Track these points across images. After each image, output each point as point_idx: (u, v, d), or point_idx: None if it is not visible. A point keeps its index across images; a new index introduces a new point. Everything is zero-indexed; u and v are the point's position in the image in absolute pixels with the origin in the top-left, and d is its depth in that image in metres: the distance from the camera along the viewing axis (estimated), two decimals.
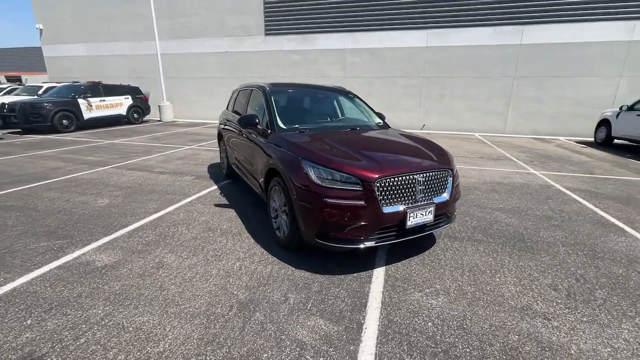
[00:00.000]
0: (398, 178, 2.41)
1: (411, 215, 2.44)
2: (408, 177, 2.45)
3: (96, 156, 6.95)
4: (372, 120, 3.95)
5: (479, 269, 2.69)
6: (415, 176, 2.48)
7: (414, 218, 2.47)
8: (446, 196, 2.68)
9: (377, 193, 2.34)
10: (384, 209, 2.36)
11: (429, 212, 2.55)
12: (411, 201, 2.48)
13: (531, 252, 3.00)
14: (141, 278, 2.46)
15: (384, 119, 4.07)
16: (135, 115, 13.48)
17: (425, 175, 2.53)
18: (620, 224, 3.68)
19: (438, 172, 2.62)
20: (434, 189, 2.61)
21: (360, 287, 2.41)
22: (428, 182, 2.55)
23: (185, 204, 4.08)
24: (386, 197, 2.39)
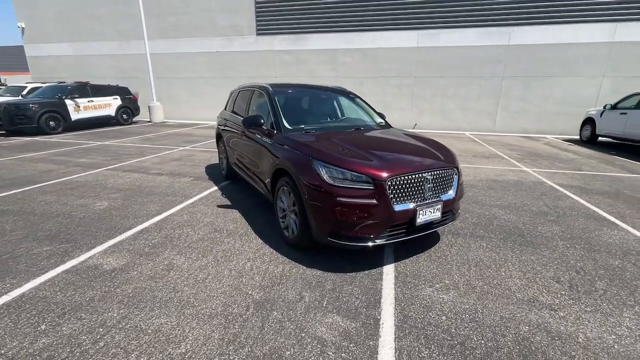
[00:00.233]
0: (408, 176, 2.47)
1: (420, 212, 2.50)
2: (417, 176, 2.51)
3: (88, 158, 6.80)
4: (374, 119, 4.01)
5: (484, 264, 2.77)
6: (424, 175, 2.54)
7: (423, 215, 2.53)
8: (452, 194, 2.76)
9: (389, 191, 2.39)
10: (395, 207, 2.42)
11: (437, 210, 2.61)
12: (420, 199, 2.55)
13: (532, 247, 3.11)
14: (153, 280, 2.45)
15: (385, 119, 4.14)
16: (124, 116, 13.22)
17: (433, 173, 2.60)
18: (611, 218, 3.85)
19: (445, 171, 2.69)
20: (441, 187, 2.68)
21: (372, 284, 2.45)
22: (436, 180, 2.62)
23: (187, 206, 4.05)
24: (397, 196, 2.44)
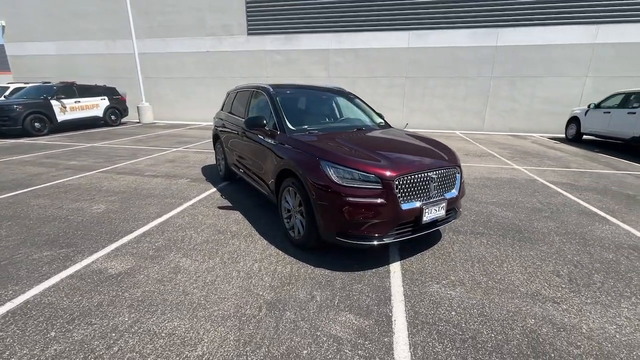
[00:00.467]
0: (415, 176, 2.52)
1: (426, 211, 2.55)
2: (423, 175, 2.56)
3: (79, 160, 6.63)
4: (374, 120, 4.05)
5: (487, 260, 2.85)
6: (429, 174, 2.60)
7: (429, 214, 2.58)
8: (455, 192, 2.83)
9: (396, 190, 2.43)
10: (402, 206, 2.46)
11: (442, 208, 2.67)
12: (426, 198, 2.60)
13: (530, 242, 3.21)
14: (161, 283, 2.42)
15: (384, 119, 4.19)
16: (112, 117, 12.94)
17: (438, 172, 2.65)
18: (602, 214, 4.00)
19: (448, 170, 2.76)
20: (446, 186, 2.74)
21: (381, 282, 2.49)
22: (440, 179, 2.68)
23: (187, 208, 4.01)
24: (404, 195, 2.49)
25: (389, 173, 2.43)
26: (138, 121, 14.31)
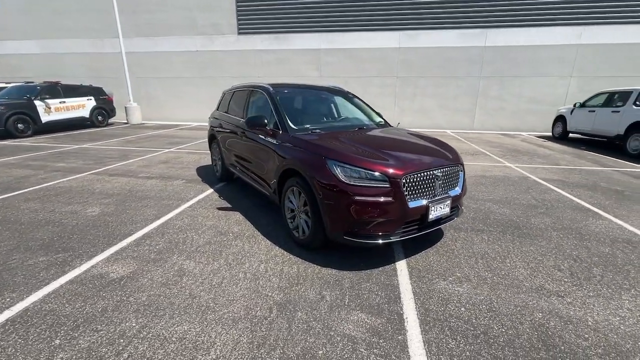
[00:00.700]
0: (421, 174, 2.54)
1: (432, 208, 2.57)
2: (429, 173, 2.59)
3: (67, 162, 6.43)
4: (374, 119, 4.06)
5: (490, 256, 2.90)
6: (434, 172, 2.62)
7: (435, 211, 2.61)
8: (459, 190, 2.86)
9: (404, 189, 2.45)
10: (410, 204, 2.47)
11: (446, 205, 2.70)
12: (432, 195, 2.62)
13: (529, 238, 3.28)
14: (166, 287, 2.37)
15: (383, 118, 4.21)
16: (99, 117, 12.60)
17: (442, 170, 2.68)
18: (595, 209, 4.12)
19: (452, 168, 2.79)
20: (450, 183, 2.77)
21: (389, 280, 2.50)
22: (445, 177, 2.71)
23: (186, 209, 3.94)
24: (411, 193, 2.50)
25: (397, 171, 2.44)
26: (126, 122, 13.98)
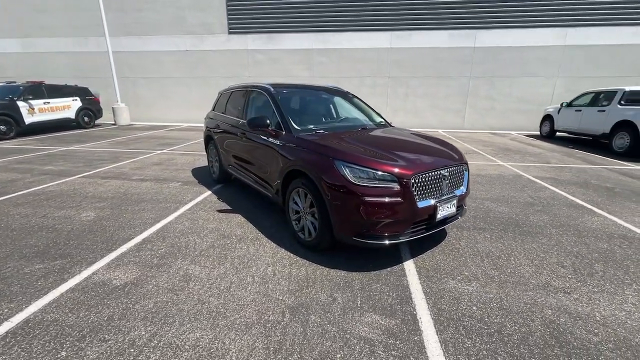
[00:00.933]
0: (429, 174, 2.55)
1: (440, 208, 2.59)
2: (437, 173, 2.60)
3: (56, 165, 6.22)
4: (375, 119, 4.07)
5: (494, 254, 2.93)
6: (442, 172, 2.63)
7: (442, 211, 2.62)
8: (464, 189, 2.89)
9: (413, 189, 2.45)
10: (419, 204, 2.48)
11: (452, 205, 2.72)
12: (439, 195, 2.63)
13: (530, 236, 3.34)
14: (173, 293, 2.30)
15: (383, 118, 4.22)
16: (86, 118, 12.26)
17: (449, 170, 2.70)
18: (589, 206, 4.23)
19: (458, 167, 2.81)
20: (456, 183, 2.79)
21: (398, 281, 2.50)
22: (451, 177, 2.73)
23: (185, 212, 3.85)
24: (420, 193, 2.51)
25: (406, 172, 2.44)
26: (114, 123, 13.63)
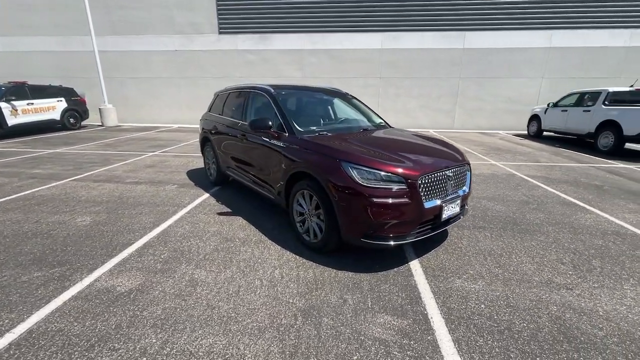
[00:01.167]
0: (435, 174, 2.58)
1: (445, 208, 2.62)
2: (442, 174, 2.63)
3: (44, 168, 6.02)
4: (374, 120, 4.09)
5: (496, 253, 2.99)
6: (447, 172, 2.67)
7: (447, 211, 2.66)
8: (467, 189, 2.94)
9: (420, 190, 2.47)
10: (425, 204, 2.51)
11: (457, 204, 2.76)
12: (444, 195, 2.67)
13: (528, 233, 3.42)
14: (181, 299, 2.26)
15: (383, 119, 4.25)
16: (71, 120, 11.91)
17: (453, 170, 2.74)
18: (581, 204, 4.36)
19: (461, 168, 2.86)
20: (459, 183, 2.84)
21: (406, 281, 2.52)
22: (456, 177, 2.77)
23: (184, 215, 3.79)
24: (426, 193, 2.53)
25: (413, 172, 2.46)
26: (101, 124, 13.29)
